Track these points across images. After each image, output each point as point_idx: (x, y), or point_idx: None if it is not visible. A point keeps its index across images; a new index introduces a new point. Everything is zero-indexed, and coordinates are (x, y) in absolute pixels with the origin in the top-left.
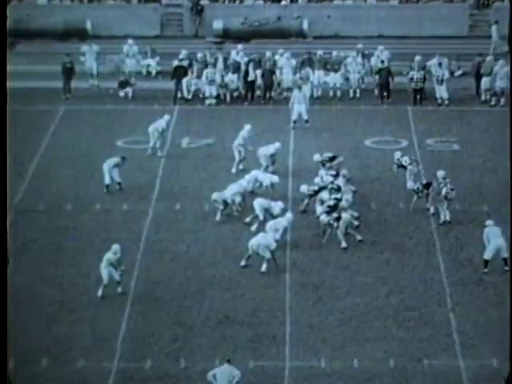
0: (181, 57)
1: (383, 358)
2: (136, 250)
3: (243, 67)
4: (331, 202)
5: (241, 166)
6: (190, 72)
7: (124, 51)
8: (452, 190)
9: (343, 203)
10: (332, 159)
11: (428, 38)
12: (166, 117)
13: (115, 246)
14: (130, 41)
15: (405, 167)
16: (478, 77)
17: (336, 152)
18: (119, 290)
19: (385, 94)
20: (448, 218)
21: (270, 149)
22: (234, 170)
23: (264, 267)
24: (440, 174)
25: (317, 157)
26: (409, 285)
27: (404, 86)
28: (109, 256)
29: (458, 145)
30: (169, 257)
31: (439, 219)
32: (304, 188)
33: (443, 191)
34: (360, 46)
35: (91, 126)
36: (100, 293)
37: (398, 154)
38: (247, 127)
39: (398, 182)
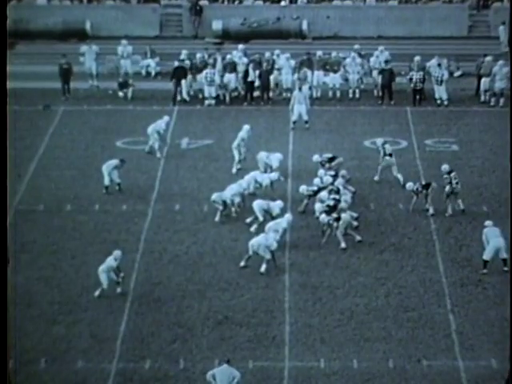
0: (181, 57)
1: (382, 359)
2: (135, 250)
3: (242, 67)
4: (330, 202)
5: (238, 166)
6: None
7: (119, 52)
8: (457, 183)
9: (343, 204)
10: (331, 160)
11: (427, 38)
12: (166, 118)
13: (116, 252)
14: (124, 41)
15: (387, 155)
16: (480, 77)
17: (335, 153)
18: (118, 290)
19: (386, 94)
20: (462, 206)
21: (273, 161)
22: (234, 170)
23: (263, 268)
24: (444, 168)
25: (316, 157)
26: (408, 285)
27: (403, 86)
28: (110, 262)
29: (458, 145)
30: (168, 257)
31: (448, 211)
32: (303, 188)
33: (447, 188)
34: (357, 46)
35: (90, 126)
36: (97, 293)
37: (380, 141)
38: (246, 128)
39: (397, 183)
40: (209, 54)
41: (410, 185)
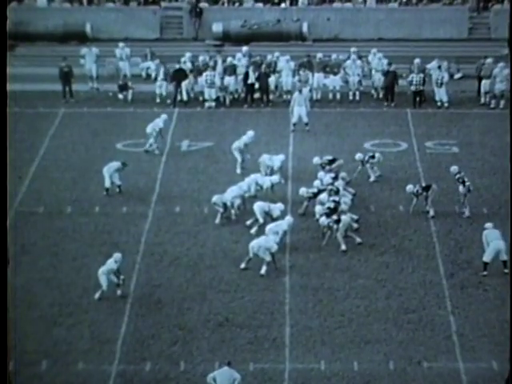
0: (183, 59)
1: (383, 361)
2: (135, 252)
3: (242, 70)
4: (331, 204)
5: (243, 165)
6: (192, 75)
7: (117, 55)
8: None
9: (343, 206)
10: (331, 162)
11: (427, 40)
12: (163, 116)
13: (117, 255)
14: (122, 44)
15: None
16: (481, 79)
17: (335, 155)
18: (119, 292)
19: (388, 96)
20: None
21: (276, 162)
22: (238, 171)
23: (263, 270)
24: (454, 169)
25: (316, 160)
26: (408, 287)
27: (403, 88)
28: (111, 265)
29: (458, 147)
30: (168, 259)
31: (464, 214)
32: (303, 191)
33: (461, 188)
34: (353, 49)
35: (91, 128)
36: (97, 295)
37: (359, 156)
38: (250, 133)
39: (397, 185)
40: (209, 56)
41: (410, 187)
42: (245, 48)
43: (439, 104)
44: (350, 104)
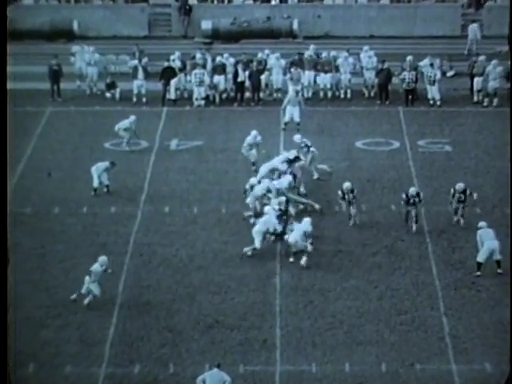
0: (172, 57)
1: (375, 362)
2: (124, 253)
3: (232, 68)
4: (278, 228)
5: (253, 168)
6: (183, 73)
7: (85, 59)
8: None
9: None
10: (293, 161)
11: (420, 38)
12: (132, 117)
13: (102, 258)
14: (91, 48)
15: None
16: (473, 77)
17: (327, 154)
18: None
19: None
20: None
21: (273, 162)
22: (253, 168)
23: (304, 260)
24: (459, 186)
25: (298, 137)
26: (401, 288)
27: (395, 86)
28: (97, 269)
29: (451, 146)
30: (157, 260)
31: (457, 218)
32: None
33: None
34: (333, 53)
35: (78, 127)
36: (87, 301)
37: (298, 137)
38: (253, 133)
39: (389, 184)
40: (202, 54)
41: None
42: (312, 46)
43: (431, 102)
44: (342, 102)
